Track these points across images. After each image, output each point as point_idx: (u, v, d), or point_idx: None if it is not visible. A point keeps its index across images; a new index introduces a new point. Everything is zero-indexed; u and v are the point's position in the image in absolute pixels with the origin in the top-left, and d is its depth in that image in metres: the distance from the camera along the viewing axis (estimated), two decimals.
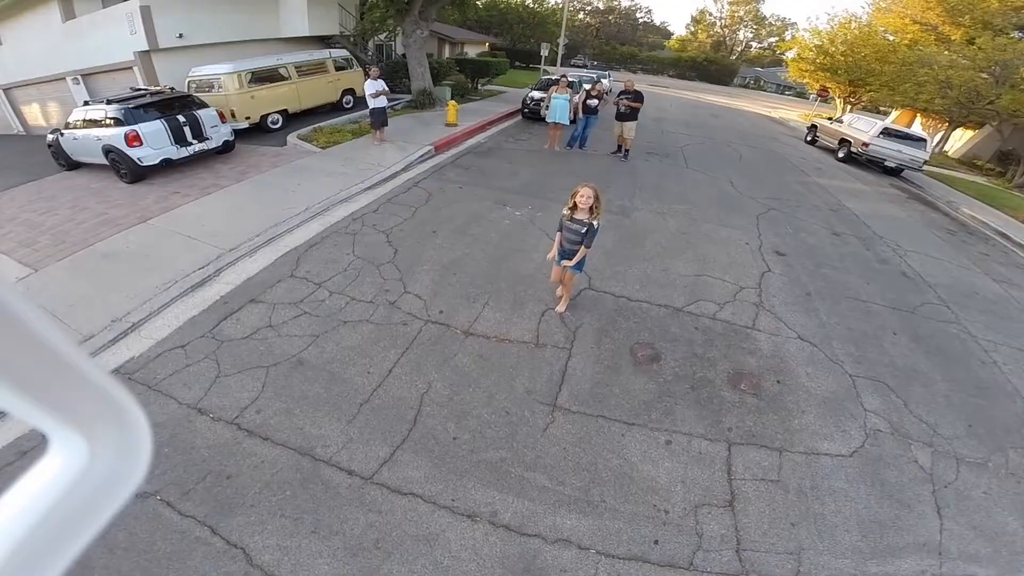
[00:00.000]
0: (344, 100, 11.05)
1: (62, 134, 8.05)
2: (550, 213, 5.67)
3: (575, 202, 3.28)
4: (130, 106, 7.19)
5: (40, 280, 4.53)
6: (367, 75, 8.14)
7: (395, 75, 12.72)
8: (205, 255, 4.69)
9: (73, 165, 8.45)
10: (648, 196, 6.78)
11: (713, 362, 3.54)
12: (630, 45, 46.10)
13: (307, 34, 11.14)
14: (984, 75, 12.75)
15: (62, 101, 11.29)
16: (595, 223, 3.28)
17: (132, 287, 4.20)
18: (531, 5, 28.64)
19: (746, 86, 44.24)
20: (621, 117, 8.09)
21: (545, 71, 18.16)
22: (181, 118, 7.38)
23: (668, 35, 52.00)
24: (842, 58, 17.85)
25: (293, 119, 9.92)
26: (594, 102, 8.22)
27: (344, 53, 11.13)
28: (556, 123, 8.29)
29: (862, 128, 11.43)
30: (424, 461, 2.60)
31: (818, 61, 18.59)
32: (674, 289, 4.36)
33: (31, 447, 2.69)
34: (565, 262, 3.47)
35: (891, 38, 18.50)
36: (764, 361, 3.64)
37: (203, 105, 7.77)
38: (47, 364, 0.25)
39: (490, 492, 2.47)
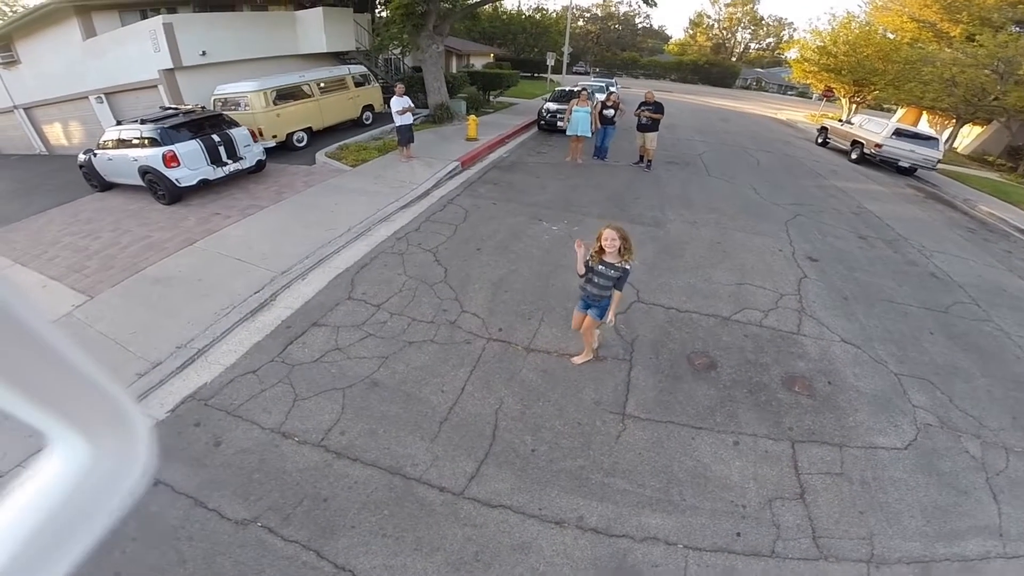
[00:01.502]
0: (364, 116, 11.34)
1: (95, 154, 8.19)
2: (586, 227, 5.89)
3: (600, 245, 3.05)
4: (166, 126, 7.26)
5: (96, 307, 4.64)
6: (384, 91, 8.42)
7: (409, 90, 13.11)
8: (259, 279, 4.82)
9: (106, 186, 8.58)
10: (677, 206, 7.02)
11: (766, 367, 3.77)
12: (631, 50, 46.97)
13: (324, 50, 11.47)
14: (988, 72, 13.08)
15: (84, 120, 11.60)
16: (627, 266, 3.06)
17: (190, 313, 4.32)
18: (533, 15, 29.27)
19: (748, 88, 44.93)
20: (643, 128, 8.38)
21: (551, 80, 18.63)
22: (216, 137, 7.50)
23: (666, 39, 52.98)
24: (845, 58, 18.26)
25: (316, 136, 10.21)
26: (610, 112, 8.51)
27: (362, 69, 11.45)
28: (578, 136, 8.60)
29: (874, 129, 11.74)
30: (508, 474, 2.77)
31: (821, 62, 19.01)
32: (719, 299, 4.59)
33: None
34: (608, 317, 3.17)
35: (891, 36, 18.94)
36: (813, 364, 3.87)
37: (235, 124, 7.93)
38: (49, 366, 0.26)
39: (574, 499, 2.65)
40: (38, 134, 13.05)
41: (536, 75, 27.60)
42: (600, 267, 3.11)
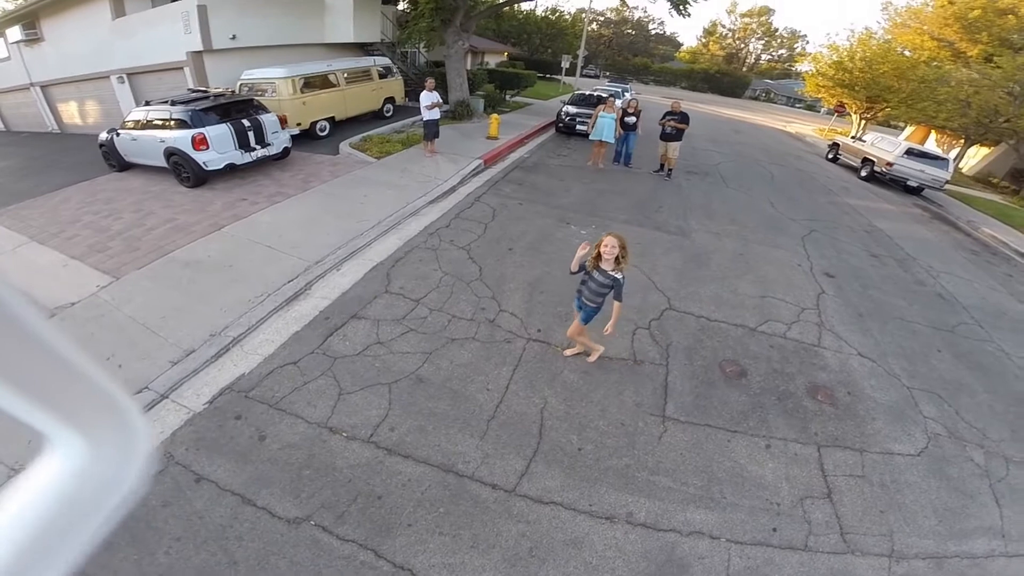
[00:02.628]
0: (385, 108, 11.43)
1: (118, 134, 8.13)
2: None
3: (599, 251, 3.08)
4: (196, 108, 7.20)
5: (123, 289, 4.58)
6: (407, 83, 8.45)
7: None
8: (292, 267, 4.85)
9: (125, 166, 8.54)
10: (700, 216, 7.22)
11: (791, 376, 3.99)
12: (642, 56, 47.25)
13: (352, 40, 11.53)
14: (1003, 94, 13.39)
15: (102, 100, 11.57)
16: (619, 276, 3.09)
17: (223, 299, 4.29)
18: (549, 16, 29.27)
19: (756, 98, 45.32)
20: (666, 137, 8.57)
21: (564, 82, 18.74)
22: (246, 122, 7.46)
23: (678, 46, 53.28)
24: (860, 74, 18.57)
25: (338, 127, 10.27)
26: (632, 119, 8.71)
27: (386, 61, 11.54)
28: (601, 141, 8.78)
29: (886, 148, 12.05)
30: (557, 472, 2.91)
31: (836, 77, 19.31)
32: (744, 310, 4.79)
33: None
34: (607, 328, 3.26)
35: (907, 54, 19.26)
36: (833, 375, 4.09)
37: (264, 109, 7.92)
38: (47, 365, 0.26)
39: (622, 495, 2.82)
40: (52, 112, 12.99)
41: (548, 76, 27.74)
42: (595, 273, 3.17)
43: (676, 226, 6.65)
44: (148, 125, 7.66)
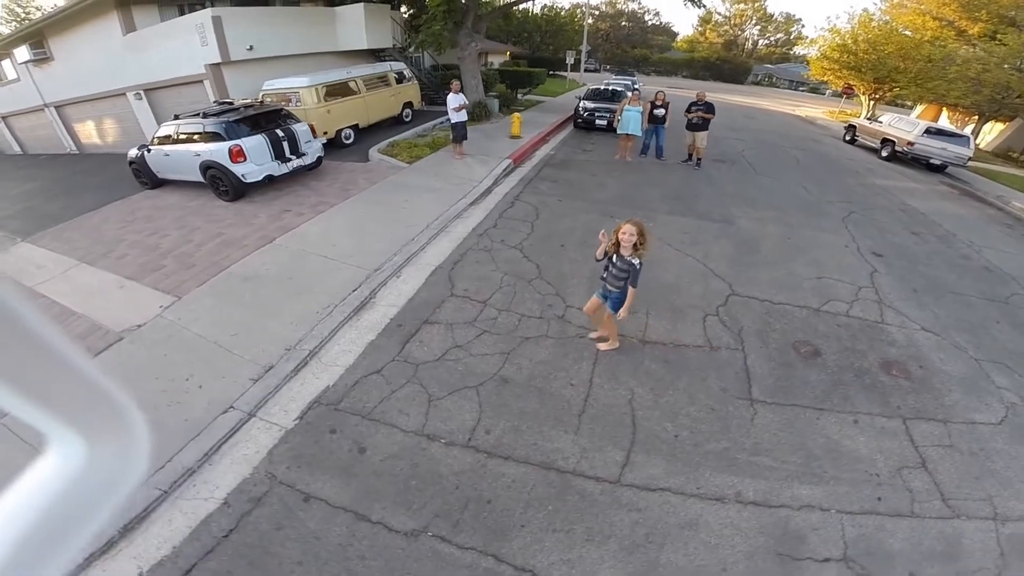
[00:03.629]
0: (404, 113, 11.60)
1: (148, 150, 8.20)
2: (660, 224, 6.21)
3: (617, 238, 3.19)
4: (230, 119, 7.21)
5: (187, 308, 4.61)
6: (423, 87, 8.53)
7: (444, 87, 13.37)
8: (352, 276, 4.91)
9: (157, 183, 8.60)
10: (739, 203, 7.35)
11: (863, 353, 4.12)
12: (641, 47, 47.55)
13: (365, 47, 11.69)
14: (1011, 71, 13.54)
15: (120, 118, 11.73)
16: (636, 262, 3.20)
17: (290, 312, 4.32)
18: (548, 13, 29.49)
19: (759, 83, 45.59)
20: (693, 127, 8.73)
21: (570, 79, 18.96)
22: (280, 132, 7.50)
23: (674, 35, 53.66)
24: (865, 56, 18.73)
25: (361, 134, 10.42)
26: (661, 111, 8.87)
27: (402, 66, 11.74)
28: (628, 134, 8.94)
29: (905, 128, 12.20)
30: (658, 459, 3.01)
31: (842, 60, 19.48)
32: (804, 291, 4.93)
33: None
34: (621, 313, 3.39)
35: (908, 34, 19.42)
36: (902, 350, 4.22)
37: (295, 119, 7.98)
38: (47, 364, 0.26)
39: (727, 477, 2.93)
40: (69, 133, 13.11)
41: (553, 73, 27.91)
42: (615, 259, 3.29)
43: (719, 214, 6.80)
44: (180, 139, 7.69)
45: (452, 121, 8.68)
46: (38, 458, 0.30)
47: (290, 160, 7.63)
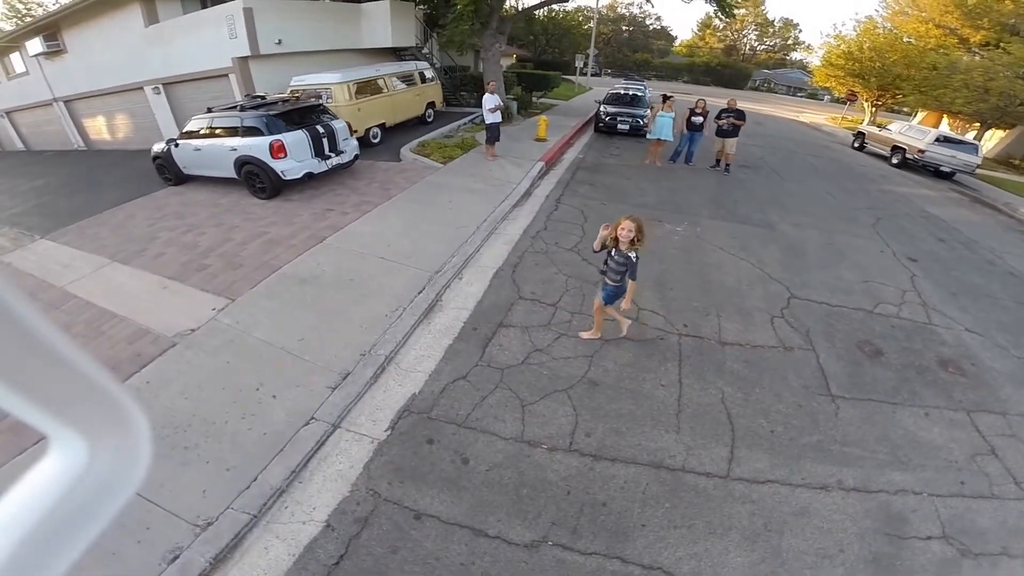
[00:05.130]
0: (427, 114, 11.73)
1: (176, 144, 8.02)
2: (707, 229, 6.51)
3: (616, 234, 3.40)
4: (271, 113, 7.03)
5: (243, 311, 4.49)
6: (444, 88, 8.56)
7: (462, 88, 13.58)
8: (415, 278, 4.93)
9: (182, 179, 8.46)
10: (775, 208, 7.70)
11: (920, 352, 4.45)
12: (642, 52, 48.56)
13: (389, 44, 11.79)
14: (1015, 79, 14.31)
15: (134, 113, 11.61)
16: (633, 255, 3.42)
17: (358, 316, 4.28)
18: (555, 16, 29.97)
19: (756, 88, 46.92)
20: (723, 134, 9.09)
21: (578, 83, 19.34)
22: (320, 129, 7.35)
23: (672, 40, 54.98)
24: (870, 63, 19.55)
25: (387, 133, 10.54)
26: (699, 119, 9.24)
27: (425, 65, 11.90)
28: (660, 139, 9.28)
29: (915, 135, 12.85)
30: (760, 454, 3.22)
31: (847, 67, 20.29)
32: (855, 294, 5.24)
33: None
34: (624, 304, 3.64)
35: (911, 42, 20.33)
36: (953, 349, 4.53)
37: (333, 116, 7.90)
38: (48, 365, 0.26)
39: (826, 467, 3.16)
40: (77, 128, 12.89)
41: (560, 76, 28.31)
42: (613, 253, 3.52)
43: (759, 219, 7.14)
44: (214, 134, 7.53)
45: (487, 121, 8.89)
46: (40, 459, 0.30)
47: (329, 157, 7.55)
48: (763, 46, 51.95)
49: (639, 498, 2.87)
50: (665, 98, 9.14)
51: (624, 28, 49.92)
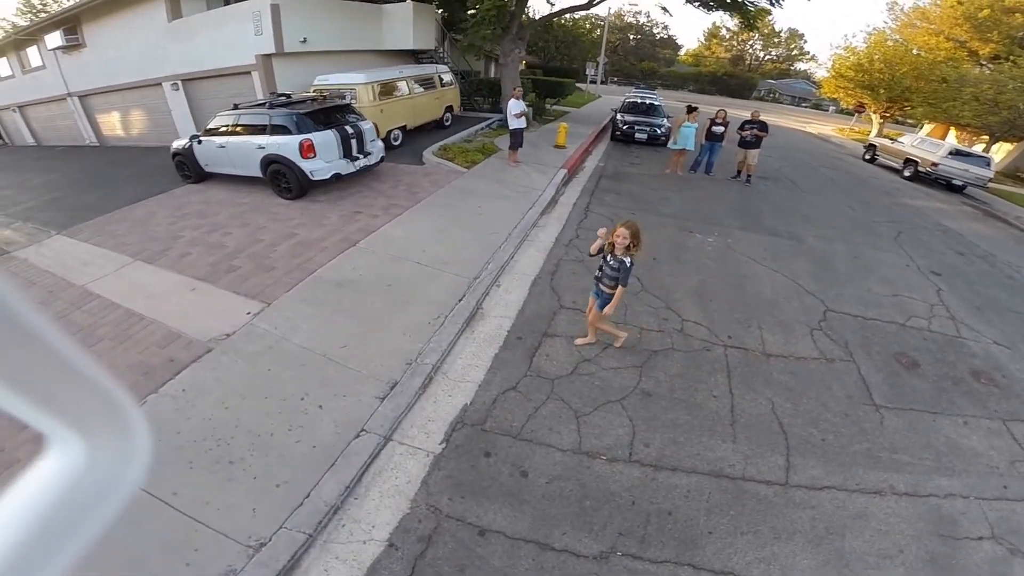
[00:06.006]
0: (445, 117, 11.87)
1: (199, 141, 7.99)
2: (738, 240, 6.70)
3: (612, 240, 3.51)
4: (300, 112, 6.99)
5: (280, 315, 4.44)
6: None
7: (476, 93, 13.78)
8: (453, 285, 4.97)
9: (202, 176, 8.45)
10: (799, 220, 7.92)
11: (954, 364, 4.61)
12: (648, 61, 49.47)
13: (411, 47, 11.95)
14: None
15: (151, 109, 11.66)
16: (627, 260, 3.51)
17: (400, 323, 4.29)
18: (566, 24, 30.41)
19: (762, 99, 47.78)
20: (746, 145, 9.36)
21: (588, 91, 19.62)
22: (349, 129, 7.34)
23: (678, 48, 56.00)
24: (880, 75, 20.05)
25: (407, 136, 10.69)
26: (720, 129, 9.50)
27: (445, 69, 12.10)
28: (682, 149, 9.53)
29: (928, 149, 13.23)
30: (815, 461, 3.36)
31: (857, 78, 20.79)
32: (887, 308, 5.41)
33: None
34: (607, 309, 3.70)
35: (920, 54, 20.85)
36: (984, 361, 4.70)
37: (361, 116, 7.92)
38: (47, 365, 0.27)
39: (877, 473, 3.32)
40: (91, 124, 12.90)
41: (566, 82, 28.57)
42: (608, 258, 3.63)
43: (787, 231, 7.35)
44: (240, 131, 7.50)
45: (511, 127, 9.06)
46: (38, 459, 0.31)
47: (357, 159, 7.57)
48: (769, 56, 52.98)
49: (704, 506, 2.98)
50: (690, 109, 9.39)
51: (631, 37, 50.81)
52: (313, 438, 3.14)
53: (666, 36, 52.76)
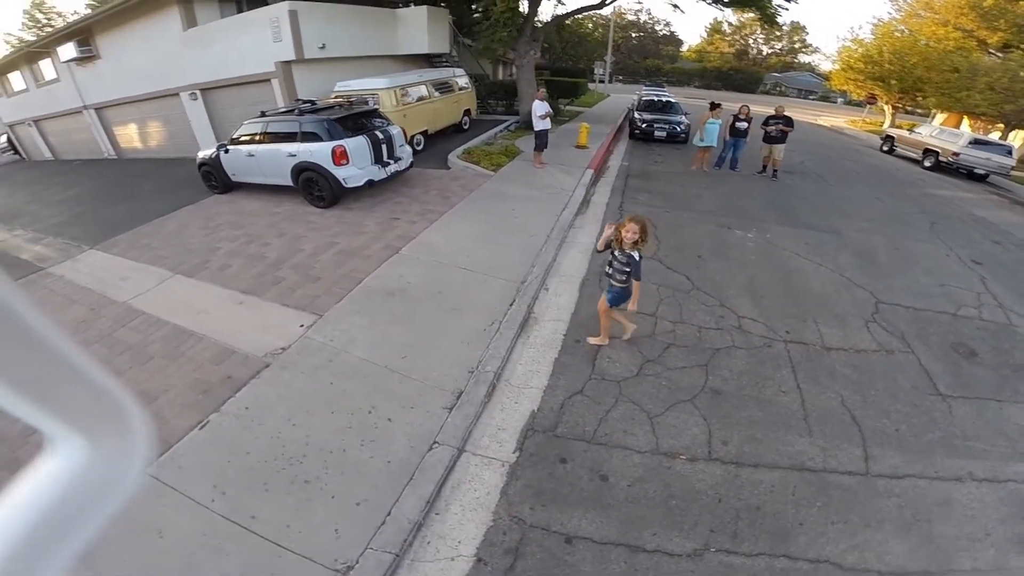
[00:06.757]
0: (463, 121, 12.04)
1: (226, 150, 8.03)
2: (777, 236, 6.81)
3: (621, 235, 3.57)
4: (331, 118, 7.03)
5: (334, 327, 4.43)
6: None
7: (490, 95, 13.95)
8: (503, 290, 5.01)
9: (229, 186, 8.50)
10: (833, 214, 8.03)
11: (1010, 352, 4.69)
12: (652, 58, 49.93)
13: (426, 51, 12.12)
14: None
15: (168, 120, 11.79)
16: (636, 254, 3.59)
17: (456, 331, 4.32)
18: (571, 24, 30.73)
19: (768, 92, 48.13)
20: (771, 140, 9.52)
21: (598, 90, 19.85)
22: (379, 135, 7.40)
23: (680, 44, 56.57)
24: (890, 67, 20.24)
25: (427, 140, 10.84)
26: (743, 125, 9.66)
27: (462, 72, 12.27)
28: (708, 146, 9.69)
29: (948, 138, 13.38)
30: (892, 451, 3.44)
31: (867, 70, 20.99)
32: (936, 298, 5.51)
33: None
34: (631, 305, 3.80)
35: (929, 45, 21.04)
36: None
37: (389, 121, 7.99)
38: (48, 365, 0.27)
39: (955, 460, 3.41)
40: (108, 137, 13.03)
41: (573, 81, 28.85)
42: (617, 253, 3.71)
43: (823, 225, 7.47)
44: (268, 139, 7.53)
45: (536, 128, 9.19)
46: (39, 458, 0.31)
47: (388, 164, 7.61)
48: (772, 50, 53.37)
49: (790, 499, 3.05)
50: (713, 105, 9.55)
51: (634, 35, 51.29)
52: (387, 453, 3.13)
53: (668, 33, 53.33)
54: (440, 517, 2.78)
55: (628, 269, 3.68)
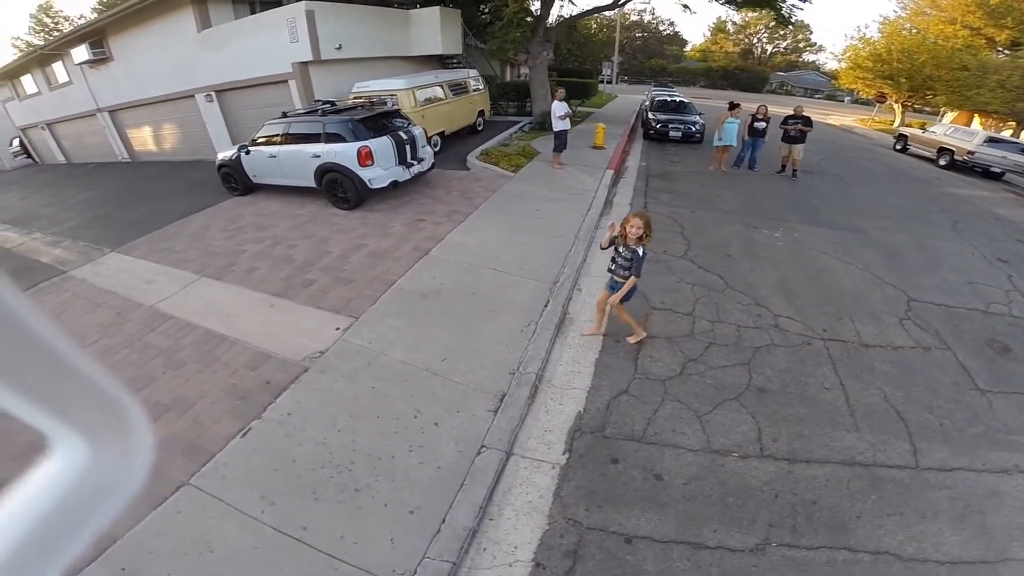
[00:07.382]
0: (477, 122, 12.18)
1: (247, 151, 8.06)
2: (804, 235, 6.95)
3: (625, 231, 3.68)
4: (355, 118, 7.10)
5: (371, 330, 4.45)
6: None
7: (502, 97, 14.10)
8: (536, 291, 5.08)
9: (249, 188, 8.56)
10: (854, 213, 8.17)
11: None
12: (657, 58, 50.35)
13: (440, 52, 12.26)
14: None
15: (183, 122, 11.91)
16: (640, 250, 3.68)
17: (493, 332, 4.36)
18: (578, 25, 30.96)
19: (774, 92, 48.46)
20: (790, 139, 9.66)
21: (606, 92, 20.03)
22: (402, 135, 7.47)
23: (683, 43, 57.05)
24: (899, 65, 20.47)
25: (444, 142, 10.99)
26: (762, 124, 9.81)
27: (475, 73, 12.43)
28: (726, 146, 9.85)
29: (963, 137, 13.56)
30: (938, 445, 3.54)
31: (876, 69, 21.21)
32: (966, 296, 5.63)
33: None
34: (613, 299, 3.91)
35: (937, 43, 21.27)
36: None
37: (411, 122, 8.06)
38: (50, 366, 0.28)
39: (999, 453, 3.51)
40: (122, 139, 13.14)
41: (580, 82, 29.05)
42: (621, 249, 3.83)
43: (848, 224, 7.61)
44: (291, 140, 7.57)
45: (555, 129, 9.34)
46: (40, 460, 0.32)
47: (412, 165, 7.68)
48: (776, 48, 53.78)
49: (845, 493, 3.15)
50: (732, 105, 9.71)
51: (638, 35, 51.73)
52: (435, 458, 3.12)
53: (672, 33, 53.74)
54: (494, 523, 2.78)
55: (630, 265, 3.77)
